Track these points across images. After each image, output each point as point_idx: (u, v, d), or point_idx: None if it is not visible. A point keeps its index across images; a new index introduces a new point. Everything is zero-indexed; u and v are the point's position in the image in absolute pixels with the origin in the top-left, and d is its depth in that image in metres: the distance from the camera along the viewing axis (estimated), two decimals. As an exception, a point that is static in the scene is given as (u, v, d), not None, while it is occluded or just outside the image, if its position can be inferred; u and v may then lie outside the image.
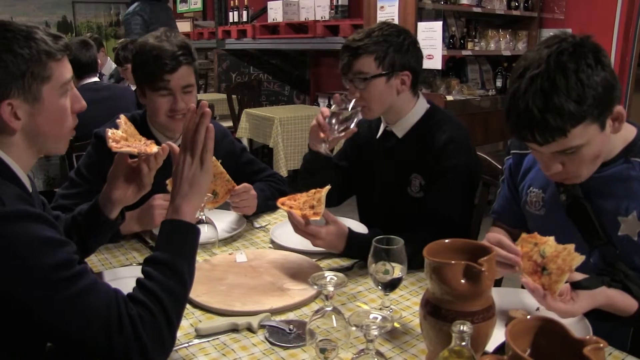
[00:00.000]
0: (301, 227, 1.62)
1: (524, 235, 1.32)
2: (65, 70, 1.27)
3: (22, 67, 1.17)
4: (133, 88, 4.72)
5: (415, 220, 1.82)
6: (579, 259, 1.22)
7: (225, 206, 2.17)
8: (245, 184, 1.94)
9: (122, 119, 1.57)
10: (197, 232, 1.28)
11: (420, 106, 1.95)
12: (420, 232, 1.55)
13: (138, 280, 1.20)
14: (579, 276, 1.28)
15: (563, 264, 1.23)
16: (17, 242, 1.06)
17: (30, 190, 1.28)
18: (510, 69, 5.23)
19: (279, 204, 1.68)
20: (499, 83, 5.23)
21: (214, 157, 1.83)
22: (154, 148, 1.50)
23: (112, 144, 1.47)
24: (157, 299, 1.15)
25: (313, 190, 1.66)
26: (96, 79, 3.61)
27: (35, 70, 1.19)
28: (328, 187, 1.64)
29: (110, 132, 1.50)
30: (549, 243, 1.27)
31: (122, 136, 1.52)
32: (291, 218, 1.62)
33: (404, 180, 1.94)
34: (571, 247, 1.25)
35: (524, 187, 1.62)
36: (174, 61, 1.90)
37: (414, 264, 1.36)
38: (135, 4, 5.66)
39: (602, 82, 1.25)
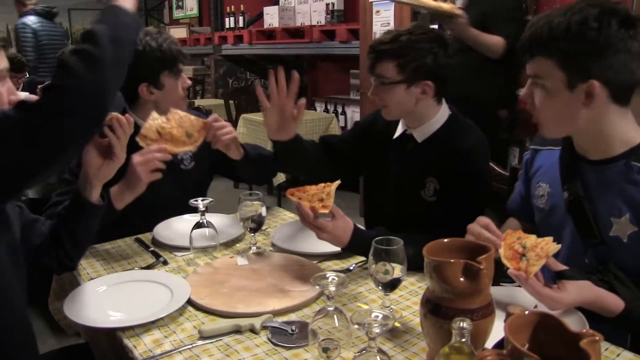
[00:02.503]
0: (309, 219, 1.60)
1: (509, 230, 1.38)
2: (3, 59, 1.32)
3: None
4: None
5: (426, 223, 1.79)
6: (555, 247, 1.29)
7: (226, 210, 2.21)
8: (214, 115, 2.00)
9: None
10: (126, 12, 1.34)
11: (443, 113, 1.92)
12: (433, 233, 1.56)
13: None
14: (563, 267, 1.33)
15: (541, 251, 1.29)
16: None
17: None
18: (505, 72, 5.27)
19: (288, 194, 1.68)
20: (495, 85, 5.25)
21: (171, 108, 1.88)
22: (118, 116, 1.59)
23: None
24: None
25: (322, 184, 1.66)
26: None
27: None
28: (338, 182, 1.65)
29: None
30: (531, 238, 1.34)
31: None
32: (299, 209, 1.61)
33: (419, 184, 1.91)
34: (549, 238, 1.31)
35: (535, 182, 1.67)
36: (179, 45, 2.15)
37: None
38: (27, 17, 5.80)
39: (592, 44, 1.32)
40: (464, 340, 0.99)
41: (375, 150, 2.09)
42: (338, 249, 1.82)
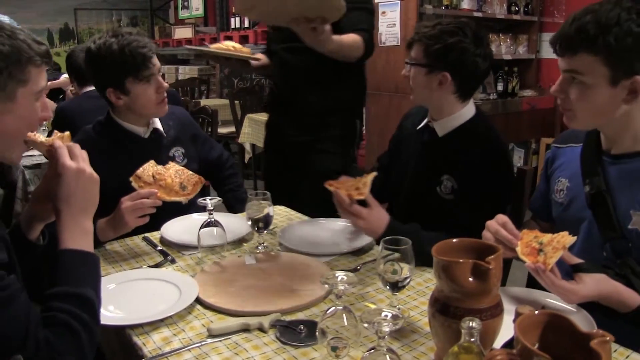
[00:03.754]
0: (345, 205, 1.65)
1: (525, 230, 1.39)
2: (42, 77, 1.26)
3: (1, 64, 1.16)
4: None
5: (443, 220, 1.80)
6: (571, 239, 1.30)
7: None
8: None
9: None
10: (97, 260, 1.28)
11: (467, 112, 1.93)
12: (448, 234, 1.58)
13: (47, 314, 1.15)
14: (578, 260, 1.34)
15: (557, 244, 1.30)
16: None
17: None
18: (511, 73, 5.27)
19: (327, 185, 1.72)
20: (500, 87, 5.25)
21: (170, 162, 1.92)
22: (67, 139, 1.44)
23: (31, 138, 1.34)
24: (71, 327, 1.13)
25: (359, 177, 1.74)
26: None
27: (14, 70, 1.18)
28: (374, 173, 1.71)
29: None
30: (547, 235, 1.35)
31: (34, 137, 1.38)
32: (337, 196, 1.66)
33: (435, 179, 1.92)
34: (564, 232, 1.32)
35: (555, 177, 1.69)
36: (151, 47, 2.07)
37: None
38: None
39: (637, 41, 1.32)
40: (473, 339, 0.99)
41: (402, 146, 2.15)
42: (345, 249, 1.84)
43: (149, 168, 1.86)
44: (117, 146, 2.16)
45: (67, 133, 1.49)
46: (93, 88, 3.55)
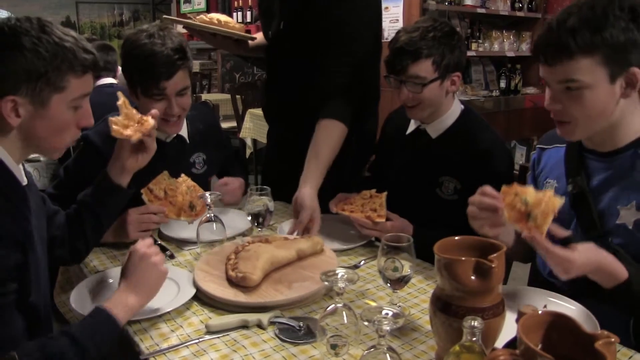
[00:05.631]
0: (370, 227, 1.76)
1: (504, 187, 1.36)
2: (84, 86, 1.28)
3: (40, 70, 1.18)
4: None
5: (445, 222, 1.74)
6: (560, 201, 1.28)
7: (233, 205, 2.20)
8: (225, 178, 2.07)
9: (121, 101, 1.59)
10: (117, 332, 1.28)
11: (456, 108, 1.93)
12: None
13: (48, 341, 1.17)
14: (567, 233, 1.33)
15: (546, 207, 1.28)
16: None
17: (25, 181, 1.29)
18: (513, 70, 5.25)
19: (338, 210, 1.80)
20: (502, 84, 5.24)
21: (182, 174, 1.89)
22: (150, 122, 1.59)
23: (114, 128, 1.54)
24: None
25: (366, 193, 1.83)
26: (113, 80, 3.62)
27: (52, 77, 1.20)
28: (385, 192, 1.80)
29: (113, 119, 1.55)
30: (529, 191, 1.32)
31: (123, 123, 1.56)
32: (357, 221, 1.78)
33: (434, 182, 1.90)
34: (550, 192, 1.30)
35: (543, 179, 1.66)
36: (171, 68, 1.83)
37: None
38: None
39: (627, 33, 1.30)
40: (474, 339, 0.97)
41: (388, 153, 2.10)
42: (344, 246, 1.82)
43: (162, 181, 1.85)
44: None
45: (149, 119, 1.60)
46: (107, 81, 3.57)
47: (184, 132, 2.10)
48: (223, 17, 2.19)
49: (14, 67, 1.17)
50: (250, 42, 2.35)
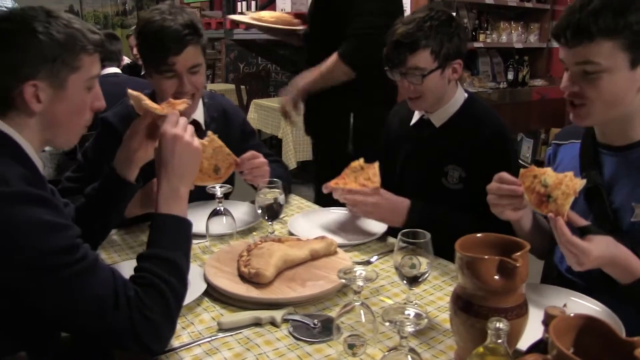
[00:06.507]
0: (367, 193, 1.72)
1: (522, 170, 1.34)
2: (94, 65, 1.30)
3: (56, 51, 1.20)
4: None
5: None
6: (581, 182, 1.27)
7: (243, 197, 2.16)
8: (252, 151, 1.84)
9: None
10: (190, 225, 1.32)
11: (460, 95, 1.91)
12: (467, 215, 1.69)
13: (137, 274, 1.21)
14: (586, 222, 1.31)
15: (567, 188, 1.25)
16: (13, 225, 1.05)
17: (42, 171, 1.27)
18: (521, 62, 5.19)
19: (332, 186, 1.74)
20: (510, 76, 5.18)
21: (210, 131, 1.81)
22: (183, 104, 1.52)
23: (147, 103, 1.48)
24: (159, 288, 1.18)
25: (356, 165, 1.76)
26: (117, 70, 3.58)
27: (67, 58, 1.22)
28: (377, 162, 1.75)
29: (140, 95, 1.51)
30: (548, 173, 1.30)
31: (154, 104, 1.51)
32: (352, 199, 1.73)
33: (439, 171, 1.88)
34: (571, 173, 1.28)
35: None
36: (179, 43, 1.80)
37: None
38: None
39: None
40: (499, 341, 0.94)
41: (394, 146, 2.08)
42: (357, 240, 1.79)
43: None
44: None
45: (181, 102, 1.53)
46: (111, 70, 3.53)
47: (199, 116, 2.05)
48: (275, 13, 2.58)
49: (31, 51, 1.18)
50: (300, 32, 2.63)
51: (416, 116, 1.98)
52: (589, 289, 1.44)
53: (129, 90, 1.52)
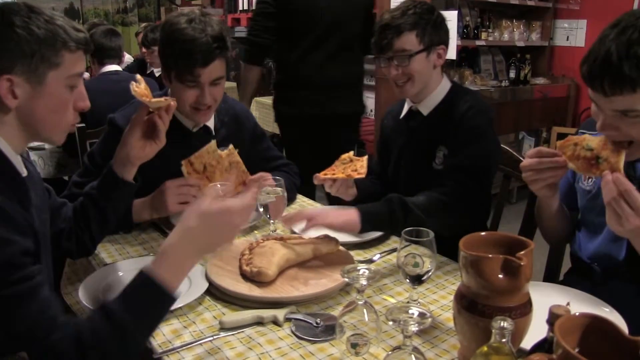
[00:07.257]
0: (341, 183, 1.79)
1: (558, 143, 1.34)
2: (77, 63, 1.26)
3: (34, 46, 1.17)
4: (157, 73, 4.64)
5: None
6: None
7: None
8: (261, 173, 1.87)
9: (141, 80, 1.55)
10: (172, 302, 1.15)
11: (445, 84, 2.00)
12: (439, 189, 1.76)
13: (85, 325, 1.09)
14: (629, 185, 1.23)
15: (615, 146, 1.24)
16: None
17: (24, 173, 1.25)
18: (523, 60, 5.17)
19: (321, 177, 1.75)
20: (512, 74, 5.16)
21: (231, 145, 1.80)
22: (172, 102, 1.54)
23: (136, 90, 1.49)
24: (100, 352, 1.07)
25: (346, 157, 1.81)
26: (118, 67, 3.56)
27: (47, 53, 1.19)
28: (367, 156, 1.79)
29: (134, 85, 1.50)
30: (588, 137, 1.29)
31: (144, 92, 1.51)
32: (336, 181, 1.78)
33: (430, 156, 1.96)
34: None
35: None
36: (208, 56, 1.78)
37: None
38: None
39: None
40: (504, 340, 0.93)
41: (390, 141, 2.15)
42: (358, 238, 1.78)
43: (205, 155, 1.79)
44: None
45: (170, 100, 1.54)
46: (111, 68, 3.51)
47: (210, 121, 2.03)
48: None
49: (7, 45, 1.15)
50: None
51: (405, 108, 2.06)
52: (609, 276, 1.43)
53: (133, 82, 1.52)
